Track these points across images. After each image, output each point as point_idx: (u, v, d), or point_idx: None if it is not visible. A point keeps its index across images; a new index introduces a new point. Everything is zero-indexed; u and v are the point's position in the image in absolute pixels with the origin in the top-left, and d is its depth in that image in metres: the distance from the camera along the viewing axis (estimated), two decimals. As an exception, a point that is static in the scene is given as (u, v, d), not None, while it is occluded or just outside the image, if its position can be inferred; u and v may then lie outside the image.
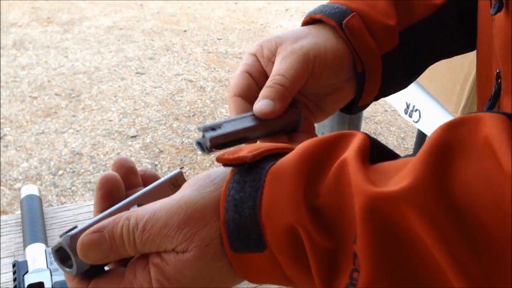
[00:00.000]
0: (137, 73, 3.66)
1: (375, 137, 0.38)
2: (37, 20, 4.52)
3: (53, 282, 0.60)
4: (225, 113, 3.19)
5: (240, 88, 0.51)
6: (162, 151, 2.76)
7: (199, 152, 2.78)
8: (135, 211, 0.35)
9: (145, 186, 0.42)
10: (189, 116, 3.12)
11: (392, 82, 0.57)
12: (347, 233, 0.30)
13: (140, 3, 5.20)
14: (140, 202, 0.39)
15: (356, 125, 1.06)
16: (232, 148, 0.37)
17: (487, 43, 0.52)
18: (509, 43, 0.43)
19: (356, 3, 0.53)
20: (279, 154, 0.35)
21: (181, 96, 3.36)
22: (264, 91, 0.48)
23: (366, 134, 0.34)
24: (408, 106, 1.58)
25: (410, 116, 1.58)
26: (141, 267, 0.35)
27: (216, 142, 0.45)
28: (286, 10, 5.40)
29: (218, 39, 4.46)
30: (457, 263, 0.26)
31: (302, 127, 0.52)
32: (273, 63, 0.51)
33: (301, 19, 0.58)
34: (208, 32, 4.59)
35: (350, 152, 0.32)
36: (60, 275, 0.61)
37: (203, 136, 0.45)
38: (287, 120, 0.50)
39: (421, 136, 1.87)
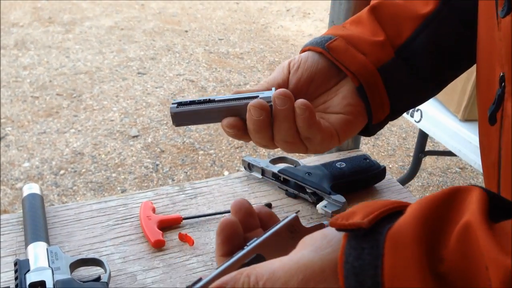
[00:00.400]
0: (139, 73, 3.66)
1: (377, 137, 0.37)
2: (39, 20, 4.52)
3: (54, 280, 0.60)
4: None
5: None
6: (163, 151, 2.76)
7: (200, 152, 2.78)
8: (255, 268, 0.36)
9: (261, 225, 0.44)
10: (191, 116, 3.12)
11: (402, 94, 0.59)
12: None
13: (141, 3, 5.20)
14: (259, 251, 0.40)
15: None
16: (345, 212, 0.35)
17: (489, 46, 0.52)
18: None
19: (344, 31, 0.58)
20: (394, 213, 0.34)
21: (183, 96, 3.36)
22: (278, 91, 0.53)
23: (482, 188, 0.33)
24: (409, 106, 1.58)
25: (412, 116, 1.58)
26: None
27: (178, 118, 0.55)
28: (287, 10, 5.39)
29: (219, 39, 4.46)
30: None
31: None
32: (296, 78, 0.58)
33: (302, 20, 0.61)
34: (209, 32, 4.59)
35: (473, 214, 0.31)
36: (61, 274, 0.61)
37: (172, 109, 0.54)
38: None
39: (422, 136, 1.87)
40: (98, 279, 0.63)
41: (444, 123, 1.47)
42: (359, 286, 0.32)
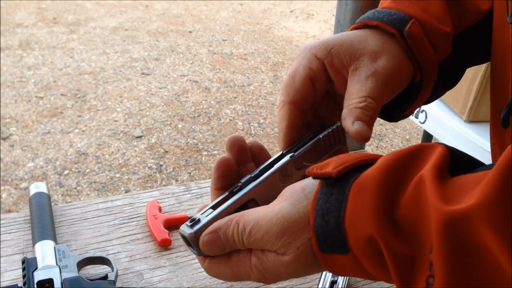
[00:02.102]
0: (143, 73, 3.67)
1: (380, 138, 0.40)
2: (43, 21, 4.53)
3: (62, 278, 0.60)
4: (230, 113, 3.19)
5: (301, 96, 0.47)
6: (167, 151, 2.77)
7: (204, 153, 2.78)
8: (243, 215, 0.41)
9: (254, 158, 0.48)
10: (194, 116, 3.13)
11: (438, 90, 0.55)
12: (424, 243, 0.33)
13: (145, 4, 5.21)
14: (253, 196, 0.44)
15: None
16: (321, 163, 0.40)
17: (503, 50, 0.51)
18: None
19: (412, 8, 0.50)
20: (363, 165, 0.38)
21: (186, 97, 3.36)
22: (359, 113, 0.46)
23: (445, 146, 0.36)
24: (414, 107, 1.58)
25: (416, 117, 1.58)
26: (244, 254, 0.41)
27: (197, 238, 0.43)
28: (291, 11, 5.40)
29: (223, 40, 4.46)
30: None
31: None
32: (343, 76, 0.48)
33: (306, 21, 0.57)
34: (213, 33, 4.60)
35: (427, 169, 0.34)
36: (69, 272, 0.61)
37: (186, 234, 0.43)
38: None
39: (427, 137, 1.87)
40: (105, 277, 0.63)
41: (449, 124, 1.46)
42: (324, 225, 0.37)
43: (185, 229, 0.43)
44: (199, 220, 0.43)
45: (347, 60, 0.47)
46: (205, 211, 0.43)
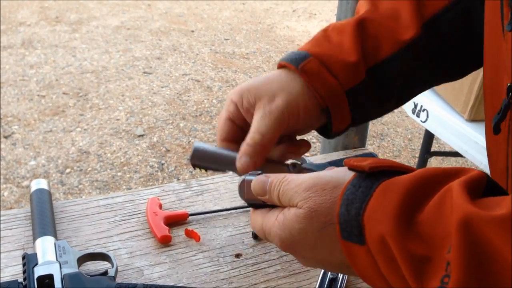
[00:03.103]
0: (145, 72, 3.67)
1: (382, 138, 0.41)
2: (46, 20, 4.54)
3: (62, 274, 0.60)
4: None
5: (226, 133, 0.59)
6: (169, 150, 2.77)
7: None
8: (292, 175, 0.46)
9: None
10: (196, 115, 3.13)
11: (366, 111, 0.62)
12: (443, 244, 0.34)
13: (148, 3, 5.22)
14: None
15: (363, 126, 1.06)
16: (360, 157, 0.43)
17: (496, 55, 0.52)
18: None
19: (320, 47, 0.59)
20: (398, 172, 0.40)
21: (188, 96, 3.37)
22: (244, 149, 0.55)
23: (484, 173, 0.38)
24: (415, 106, 1.58)
25: (418, 116, 1.58)
26: (276, 210, 0.46)
27: (197, 155, 0.56)
28: (293, 11, 5.40)
29: (225, 39, 4.47)
30: None
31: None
32: (252, 114, 0.57)
33: (308, 20, 0.61)
34: (215, 33, 4.60)
35: (456, 181, 0.36)
36: (69, 268, 0.62)
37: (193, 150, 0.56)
38: None
39: (428, 136, 1.86)
40: (105, 273, 0.63)
41: (451, 123, 1.46)
42: (346, 214, 0.40)
43: (249, 176, 0.50)
44: (261, 173, 0.49)
45: (253, 101, 0.57)
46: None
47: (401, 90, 0.63)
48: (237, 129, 0.59)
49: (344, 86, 0.58)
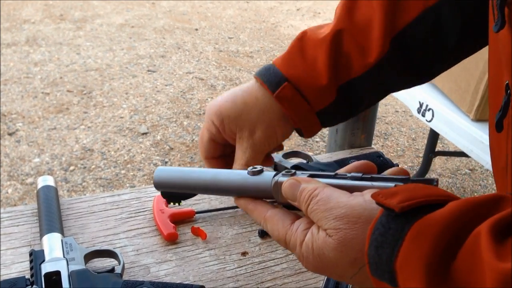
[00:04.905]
0: (148, 70, 3.67)
1: (386, 137, 0.39)
2: (50, 17, 4.55)
3: (69, 271, 0.60)
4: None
5: (212, 153, 0.66)
6: (172, 148, 2.77)
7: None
8: (325, 187, 0.45)
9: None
10: (200, 114, 3.13)
11: (336, 121, 0.67)
12: None
13: (152, 2, 5.22)
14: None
15: (369, 125, 1.06)
16: (388, 190, 0.40)
17: (495, 57, 0.53)
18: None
19: (294, 68, 0.62)
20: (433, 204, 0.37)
21: (192, 94, 3.37)
22: None
23: None
24: (421, 105, 1.57)
25: (423, 115, 1.57)
26: (304, 227, 0.45)
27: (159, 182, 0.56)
28: (297, 9, 5.39)
29: (229, 38, 4.46)
30: None
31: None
32: (233, 139, 0.63)
33: (312, 19, 0.61)
34: (219, 31, 4.60)
35: (485, 223, 0.33)
36: (76, 265, 0.62)
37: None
38: None
39: (433, 136, 1.86)
40: (112, 270, 0.63)
41: (456, 122, 1.46)
42: (377, 257, 0.37)
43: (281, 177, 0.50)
44: (295, 173, 0.49)
45: (234, 129, 0.62)
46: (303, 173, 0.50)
47: (370, 100, 0.67)
48: (220, 146, 0.66)
49: (314, 108, 0.62)
